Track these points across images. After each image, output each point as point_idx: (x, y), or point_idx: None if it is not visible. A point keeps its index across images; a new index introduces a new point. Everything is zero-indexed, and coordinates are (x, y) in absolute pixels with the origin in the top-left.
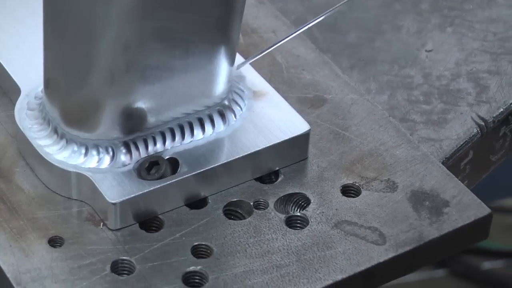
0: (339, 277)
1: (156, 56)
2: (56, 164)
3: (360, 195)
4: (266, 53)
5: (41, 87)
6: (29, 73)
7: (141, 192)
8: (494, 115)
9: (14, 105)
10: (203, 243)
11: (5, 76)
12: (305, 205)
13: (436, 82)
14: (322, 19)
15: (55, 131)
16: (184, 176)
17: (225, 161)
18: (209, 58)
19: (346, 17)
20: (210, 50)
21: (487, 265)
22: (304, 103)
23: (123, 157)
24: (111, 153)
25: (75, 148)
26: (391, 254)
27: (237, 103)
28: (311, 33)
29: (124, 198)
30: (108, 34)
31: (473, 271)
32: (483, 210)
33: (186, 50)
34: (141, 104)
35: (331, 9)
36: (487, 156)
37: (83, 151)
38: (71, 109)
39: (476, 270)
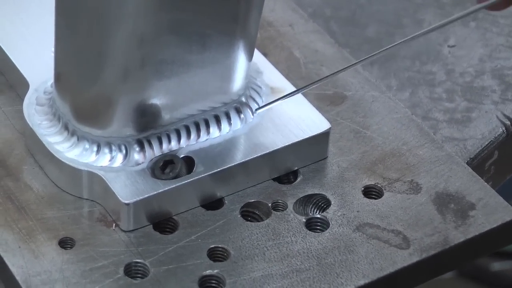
0: (361, 282)
1: (172, 50)
2: (67, 162)
3: (383, 197)
4: (283, 48)
5: (51, 81)
6: (38, 66)
7: (155, 192)
8: None
9: (22, 100)
10: (220, 245)
11: (12, 69)
12: (325, 206)
13: (460, 79)
14: (341, 12)
15: (66, 127)
16: (200, 176)
17: (242, 161)
18: (226, 52)
19: (365, 10)
20: (227, 44)
21: (497, 266)
22: (323, 100)
23: (136, 156)
24: (124, 151)
25: (87, 146)
26: (415, 259)
27: (254, 99)
28: (329, 27)
29: (138, 198)
30: (123, 27)
31: (482, 272)
32: (510, 213)
33: (203, 44)
34: (156, 100)
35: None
36: None
37: (95, 148)
38: (83, 104)
39: (485, 271)
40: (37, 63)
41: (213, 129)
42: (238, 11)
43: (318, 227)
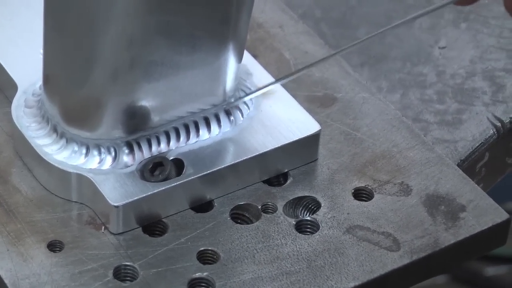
0: (351, 284)
1: (162, 51)
2: (56, 165)
3: (373, 199)
4: (273, 50)
5: (39, 83)
6: (26, 68)
7: (144, 195)
8: (511, 115)
9: (10, 102)
10: (210, 248)
11: (0, 70)
12: (315, 209)
13: (450, 80)
14: (332, 14)
15: (55, 130)
16: (189, 178)
17: (232, 163)
18: (216, 54)
19: (355, 11)
20: (217, 46)
21: (491, 271)
22: (313, 102)
23: (125, 158)
24: (113, 153)
25: (76, 148)
26: (405, 261)
27: (244, 101)
28: (319, 28)
29: (127, 201)
30: (112, 28)
31: (476, 277)
32: (501, 215)
33: (193, 45)
34: (145, 102)
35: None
36: (503, 158)
37: (84, 151)
38: (72, 106)
39: (479, 276)
40: (26, 64)
41: (203, 131)
42: (228, 13)
43: (308, 230)
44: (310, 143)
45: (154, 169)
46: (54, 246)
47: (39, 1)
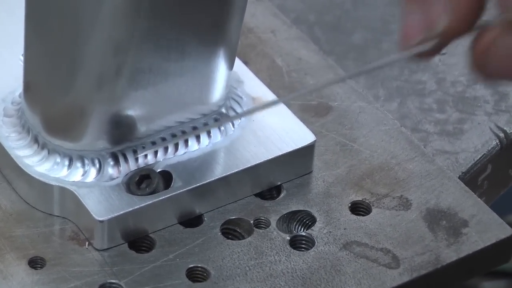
0: None
1: (149, 58)
2: (37, 177)
3: (371, 213)
4: (265, 56)
5: (19, 91)
6: (5, 75)
7: (130, 209)
8: None
9: None
10: (199, 265)
11: None
12: (310, 223)
13: (451, 88)
14: (326, 18)
15: (36, 140)
16: (178, 192)
17: (223, 175)
18: (206, 61)
19: (350, 16)
20: (207, 52)
21: (488, 286)
22: (307, 111)
23: (110, 170)
24: (97, 165)
25: (58, 160)
26: (405, 279)
27: (235, 110)
28: (313, 33)
29: (112, 215)
30: (97, 33)
31: None
32: (505, 230)
33: (182, 52)
34: (131, 111)
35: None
36: (506, 170)
37: (67, 162)
38: (54, 116)
39: None
40: (4, 71)
41: (192, 142)
42: (218, 17)
43: (303, 246)
44: (304, 154)
45: (141, 181)
46: (35, 263)
47: (18, 3)
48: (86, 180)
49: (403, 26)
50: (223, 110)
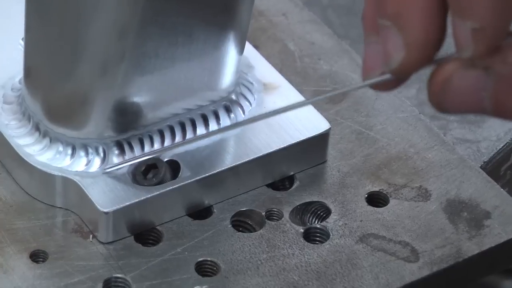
0: None
1: (156, 42)
2: (38, 167)
3: (388, 205)
4: (276, 40)
5: (19, 76)
6: (4, 60)
7: (136, 200)
8: None
9: None
10: (209, 259)
11: None
12: (324, 215)
13: None
14: (340, 0)
15: (37, 128)
16: (186, 182)
17: (233, 165)
18: (215, 44)
19: None
20: (217, 36)
21: (508, 285)
22: None
23: (115, 159)
24: (102, 154)
25: (60, 148)
26: (425, 273)
27: (245, 97)
28: (327, 17)
29: (117, 207)
30: (102, 15)
31: None
32: None
33: (190, 35)
34: (137, 98)
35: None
36: None
37: (70, 151)
38: (56, 103)
39: None
40: (3, 56)
41: (201, 130)
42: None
43: (317, 238)
44: (318, 143)
45: (147, 171)
46: (37, 257)
47: None
48: (90, 170)
49: (364, 58)
50: (233, 97)
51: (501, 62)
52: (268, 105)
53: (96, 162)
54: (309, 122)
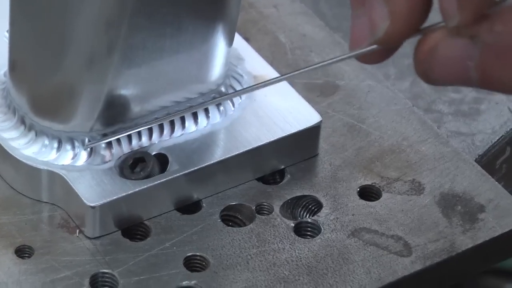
0: None
1: (144, 34)
2: (24, 161)
3: (381, 199)
4: (267, 32)
5: (4, 69)
6: None
7: (124, 194)
8: None
9: None
10: (198, 254)
11: None
12: (316, 209)
13: None
14: None
15: (22, 121)
16: (174, 176)
17: (222, 158)
18: (204, 36)
19: None
20: (205, 27)
21: (510, 287)
22: (312, 90)
23: (102, 153)
24: (88, 148)
25: (46, 142)
26: (417, 267)
27: (235, 89)
28: (318, 8)
29: (104, 201)
30: (86, 7)
31: None
32: None
33: (178, 27)
34: (125, 90)
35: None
36: None
37: (56, 145)
38: (42, 95)
39: None
40: None
41: (189, 123)
42: None
43: (308, 233)
44: (309, 136)
45: (135, 165)
46: (22, 252)
47: None
48: (77, 164)
49: (351, 30)
50: (222, 89)
51: (487, 31)
52: (258, 98)
53: (83, 155)
54: (300, 115)
